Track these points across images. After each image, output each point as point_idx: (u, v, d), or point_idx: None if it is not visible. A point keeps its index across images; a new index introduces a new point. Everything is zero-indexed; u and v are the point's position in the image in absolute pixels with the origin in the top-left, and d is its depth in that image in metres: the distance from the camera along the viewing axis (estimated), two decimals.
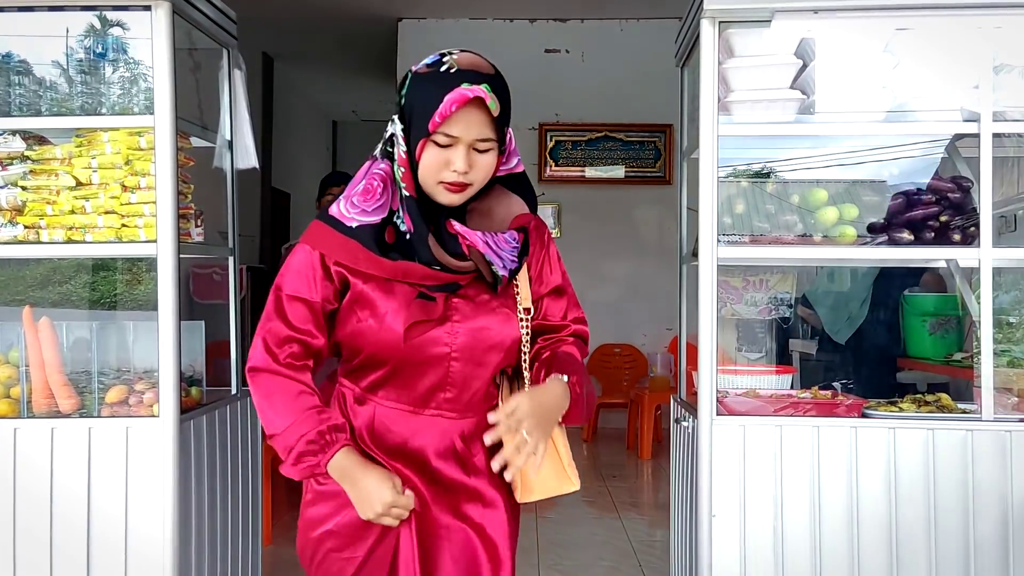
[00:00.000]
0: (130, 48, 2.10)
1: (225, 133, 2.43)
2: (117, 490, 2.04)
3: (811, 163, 2.18)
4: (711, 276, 2.08)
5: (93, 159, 2.03)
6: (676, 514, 2.52)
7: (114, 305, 3.05)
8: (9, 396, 2.09)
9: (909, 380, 3.40)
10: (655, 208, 7.49)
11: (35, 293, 3.91)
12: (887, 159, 2.17)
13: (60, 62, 2.06)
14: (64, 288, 3.75)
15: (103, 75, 2.07)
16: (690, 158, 2.50)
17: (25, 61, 2.12)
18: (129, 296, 2.26)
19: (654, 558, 3.82)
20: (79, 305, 2.62)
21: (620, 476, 5.59)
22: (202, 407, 2.23)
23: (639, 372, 7.25)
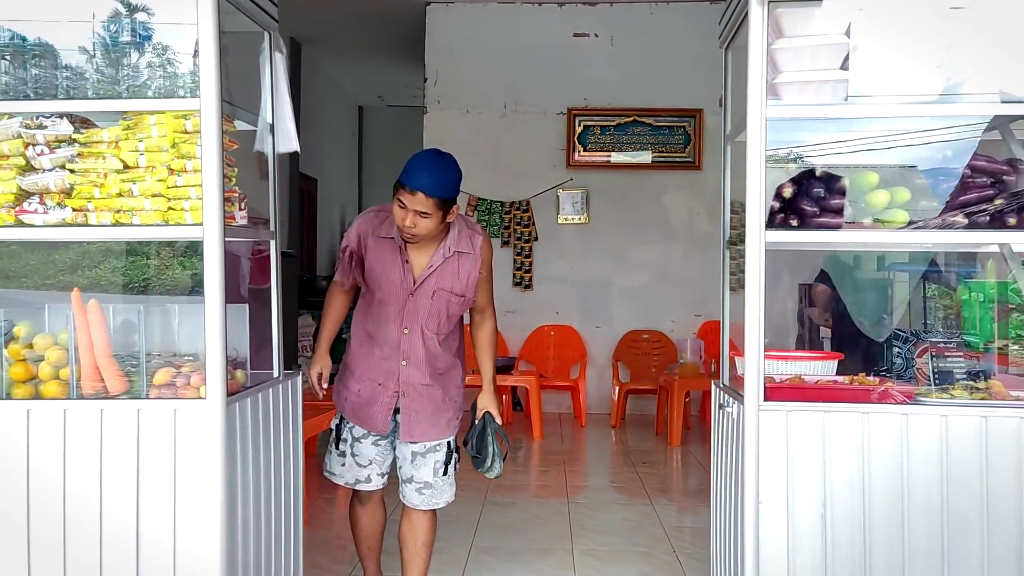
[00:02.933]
0: (174, 31, 2.10)
1: (266, 116, 2.43)
2: (165, 470, 2.06)
3: (861, 145, 2.14)
4: (759, 261, 2.06)
5: (140, 142, 2.04)
6: (718, 500, 2.50)
7: (156, 288, 3.08)
8: (58, 378, 2.11)
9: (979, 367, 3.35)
10: (684, 194, 7.44)
11: (80, 275, 3.95)
12: (939, 141, 2.12)
13: (105, 45, 2.06)
14: (109, 271, 3.80)
15: (148, 58, 2.07)
16: (734, 141, 2.46)
17: (49, 48, 2.12)
18: (173, 279, 2.27)
19: (688, 544, 3.81)
20: (124, 288, 2.65)
21: (650, 462, 5.58)
22: (247, 389, 2.24)
23: (667, 359, 7.22)
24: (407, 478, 2.66)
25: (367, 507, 2.79)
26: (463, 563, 3.55)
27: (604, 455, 5.99)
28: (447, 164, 2.45)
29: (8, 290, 4.55)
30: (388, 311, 2.57)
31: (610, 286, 7.46)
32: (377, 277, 2.57)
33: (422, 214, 2.38)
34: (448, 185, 2.41)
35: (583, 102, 7.46)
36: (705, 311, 7.41)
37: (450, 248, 2.55)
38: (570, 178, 7.42)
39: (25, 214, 2.05)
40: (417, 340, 2.58)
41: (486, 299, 2.72)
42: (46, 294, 5.60)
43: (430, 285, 2.56)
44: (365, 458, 2.67)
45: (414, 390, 2.60)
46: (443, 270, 2.56)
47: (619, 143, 7.46)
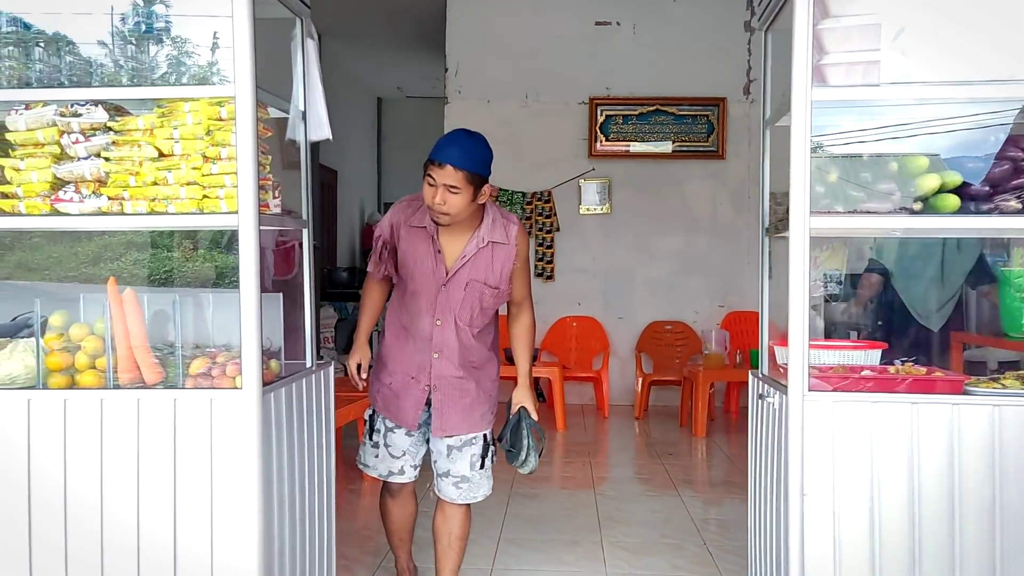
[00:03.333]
0: (208, 17, 2.08)
1: (298, 103, 2.41)
2: (201, 460, 2.04)
3: (910, 129, 2.09)
4: (803, 248, 2.01)
5: (175, 130, 2.02)
6: (756, 493, 2.46)
7: (187, 277, 3.07)
8: (95, 367, 2.10)
9: (1010, 357, 3.28)
10: (707, 183, 7.37)
11: (104, 267, 3.96)
12: (992, 124, 2.06)
13: (139, 31, 2.04)
14: (131, 263, 3.80)
15: (182, 45, 2.05)
16: (774, 126, 2.41)
17: (81, 36, 2.10)
18: (206, 268, 2.25)
19: (718, 536, 3.77)
20: (154, 279, 2.63)
21: (675, 454, 5.54)
22: (281, 380, 2.22)
23: (691, 349, 7.17)
24: (443, 472, 2.62)
25: (398, 499, 2.76)
26: (492, 555, 3.53)
27: (628, 446, 5.95)
28: (477, 140, 2.40)
29: (33, 282, 4.56)
30: (421, 302, 2.53)
31: (633, 276, 7.41)
32: (410, 267, 2.53)
33: (451, 189, 2.32)
34: (478, 160, 2.36)
35: (605, 91, 7.39)
36: (729, 301, 7.35)
37: (484, 238, 2.50)
38: (592, 168, 7.37)
39: (60, 202, 2.03)
40: (450, 332, 2.53)
41: (523, 292, 2.65)
42: (71, 286, 5.60)
43: (463, 276, 2.51)
44: (398, 449, 2.64)
45: (446, 383, 2.56)
46: (477, 261, 2.50)
47: (641, 132, 7.40)
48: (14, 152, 2.07)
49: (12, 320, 4.85)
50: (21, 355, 2.12)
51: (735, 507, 4.30)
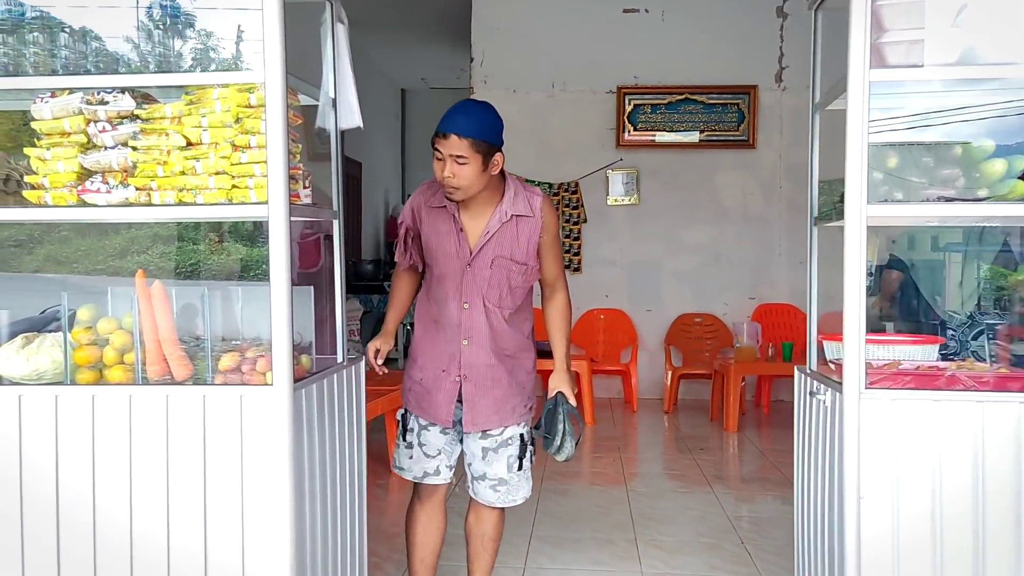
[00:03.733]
0: (237, 1, 2.01)
1: (328, 90, 2.34)
2: (232, 457, 1.98)
3: (975, 112, 1.98)
4: (859, 238, 1.91)
5: (203, 117, 1.95)
6: (803, 495, 2.36)
7: (215, 270, 3.01)
8: (123, 362, 2.04)
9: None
10: (737, 173, 7.23)
11: (130, 260, 3.91)
12: None
13: (166, 15, 1.98)
14: (157, 255, 3.75)
15: (210, 29, 1.99)
16: (823, 111, 2.30)
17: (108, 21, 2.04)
18: (233, 260, 2.19)
19: (755, 534, 3.68)
20: (183, 272, 2.58)
21: (707, 449, 5.44)
22: (312, 375, 2.16)
23: (721, 342, 7.05)
24: (479, 475, 2.51)
25: (427, 505, 2.58)
26: (524, 553, 3.46)
27: (658, 441, 5.86)
28: (482, 106, 2.29)
29: (62, 275, 4.53)
30: (447, 286, 2.43)
31: (661, 268, 7.30)
32: (433, 250, 2.44)
33: (458, 159, 2.23)
34: (484, 126, 2.25)
35: (633, 80, 7.27)
36: (759, 293, 7.22)
37: (507, 211, 2.39)
38: (620, 158, 7.26)
39: (88, 193, 1.98)
40: (479, 315, 2.42)
41: (555, 270, 2.52)
42: (100, 278, 5.58)
43: (488, 253, 2.40)
44: (433, 447, 2.52)
45: (477, 372, 2.44)
46: (501, 236, 2.39)
47: (670, 122, 7.27)
48: (40, 142, 2.01)
49: (41, 313, 4.83)
50: (49, 350, 2.07)
51: (771, 504, 4.20)
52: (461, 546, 2.76)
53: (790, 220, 7.18)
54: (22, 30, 2.01)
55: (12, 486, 2.01)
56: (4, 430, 2.02)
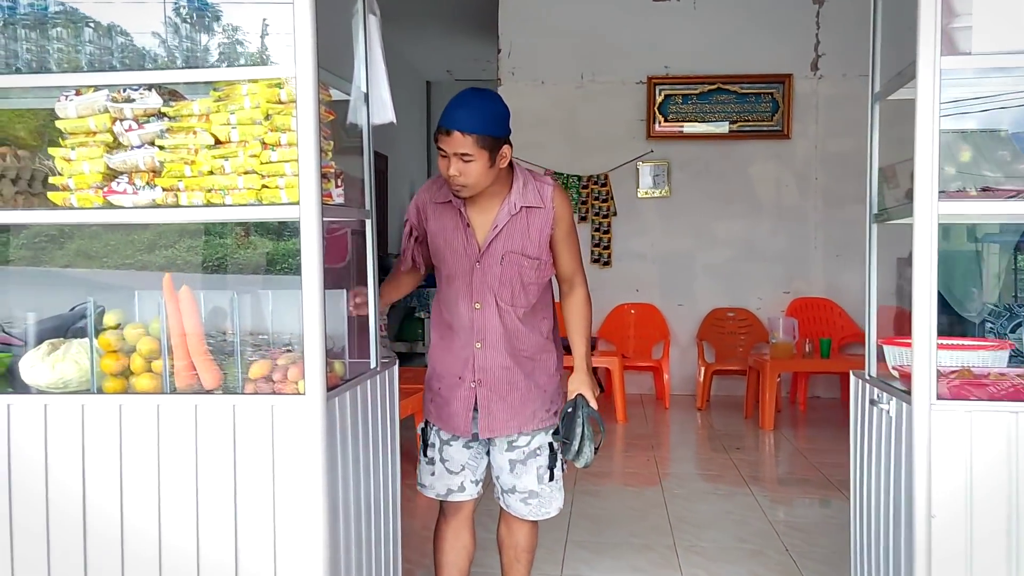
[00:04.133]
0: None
1: (360, 84, 2.24)
2: (263, 469, 1.90)
3: None
4: (930, 236, 1.78)
5: (232, 114, 1.86)
6: (861, 507, 2.24)
7: (243, 271, 2.94)
8: (151, 370, 1.97)
9: None
10: (771, 164, 7.07)
11: (158, 254, 3.83)
12: None
13: (193, 8, 1.89)
14: (185, 249, 3.69)
15: (239, 22, 1.90)
16: (883, 101, 2.17)
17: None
18: (261, 255, 2.10)
19: (800, 541, 3.55)
20: (209, 269, 2.50)
21: (743, 448, 5.31)
22: (346, 383, 2.07)
23: (755, 337, 6.90)
24: (508, 488, 2.41)
25: (452, 523, 2.48)
26: (560, 559, 3.36)
27: (693, 440, 5.74)
28: (486, 97, 2.17)
29: (91, 269, 4.47)
30: (456, 286, 2.31)
31: (693, 262, 7.15)
32: (440, 248, 2.32)
33: (464, 157, 2.12)
34: (488, 119, 2.13)
35: (664, 70, 7.12)
36: (794, 287, 7.06)
37: (515, 204, 2.25)
38: (650, 150, 7.11)
39: (114, 195, 1.90)
40: (492, 315, 2.29)
41: (571, 264, 2.36)
42: (127, 276, 5.54)
43: (497, 248, 2.26)
44: (456, 463, 2.41)
45: (491, 376, 2.31)
46: (511, 229, 2.26)
47: (702, 112, 7.11)
48: (65, 141, 1.94)
49: (71, 310, 4.79)
50: (74, 357, 2.00)
51: (814, 508, 4.07)
52: (494, 550, 2.67)
53: (826, 212, 7.00)
54: (45, 25, 1.93)
55: (38, 498, 1.95)
56: (30, 440, 1.95)
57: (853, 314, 6.92)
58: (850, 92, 6.92)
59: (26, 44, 1.89)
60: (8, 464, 1.96)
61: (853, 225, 7.04)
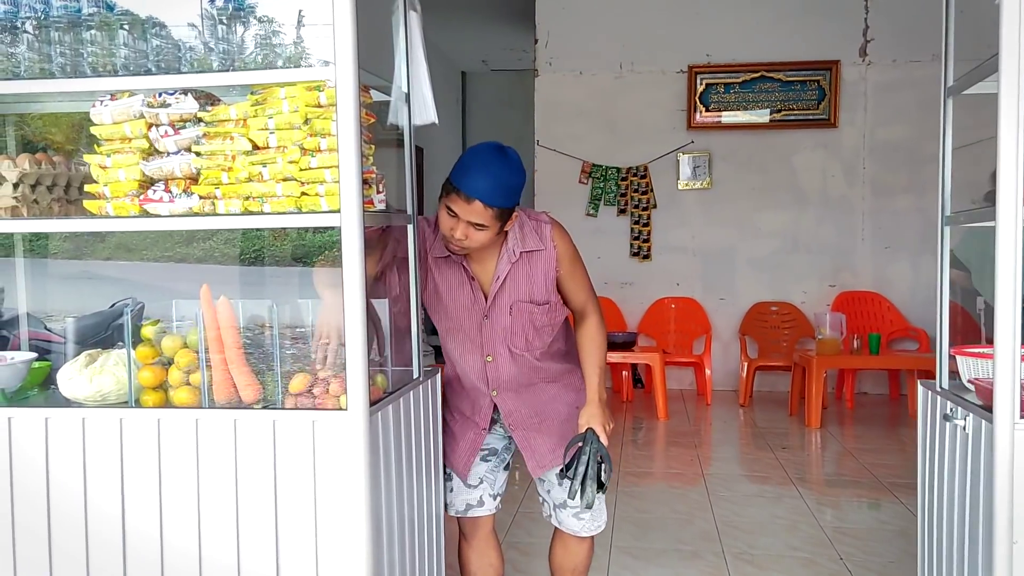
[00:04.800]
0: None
1: (401, 84, 2.15)
2: (304, 487, 1.83)
3: None
4: (1014, 237, 1.65)
5: (270, 119, 1.79)
6: (930, 527, 2.12)
7: (281, 256, 2.87)
8: (189, 383, 1.91)
9: None
10: (817, 154, 6.87)
11: (196, 247, 3.78)
12: None
13: (229, 8, 1.82)
14: (222, 242, 3.63)
15: (276, 22, 1.82)
16: (957, 96, 2.03)
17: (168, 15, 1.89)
18: (299, 247, 2.02)
19: (855, 550, 3.42)
20: (250, 256, 2.44)
21: (789, 448, 5.17)
22: (388, 395, 2.00)
23: (799, 332, 6.73)
24: (559, 503, 2.32)
25: (474, 543, 2.39)
26: (605, 566, 3.28)
27: (736, 438, 5.61)
28: (512, 166, 2.03)
29: (131, 262, 4.45)
30: (461, 340, 2.23)
31: (735, 255, 6.99)
32: (445, 304, 2.21)
33: (477, 226, 2.01)
34: (512, 191, 2.02)
35: (705, 58, 6.95)
36: (840, 281, 6.86)
37: (514, 251, 2.14)
38: (691, 140, 6.95)
39: (150, 203, 1.84)
40: (505, 364, 2.21)
41: (581, 296, 2.25)
42: (166, 269, 5.52)
43: (504, 300, 2.17)
44: (475, 476, 2.33)
45: (518, 418, 2.26)
46: (514, 278, 2.16)
47: (745, 101, 6.93)
48: (100, 148, 1.88)
49: (111, 307, 4.78)
50: (112, 369, 1.95)
51: (866, 513, 3.93)
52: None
53: (874, 202, 6.79)
54: (79, 28, 1.87)
55: (76, 514, 1.91)
56: (68, 454, 1.91)
57: (902, 308, 6.72)
58: (901, 79, 6.69)
59: (59, 47, 1.84)
60: (47, 479, 1.92)
61: (903, 216, 6.84)
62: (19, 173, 1.94)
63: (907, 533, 3.61)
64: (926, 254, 6.75)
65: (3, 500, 1.93)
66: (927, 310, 6.71)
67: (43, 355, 2.31)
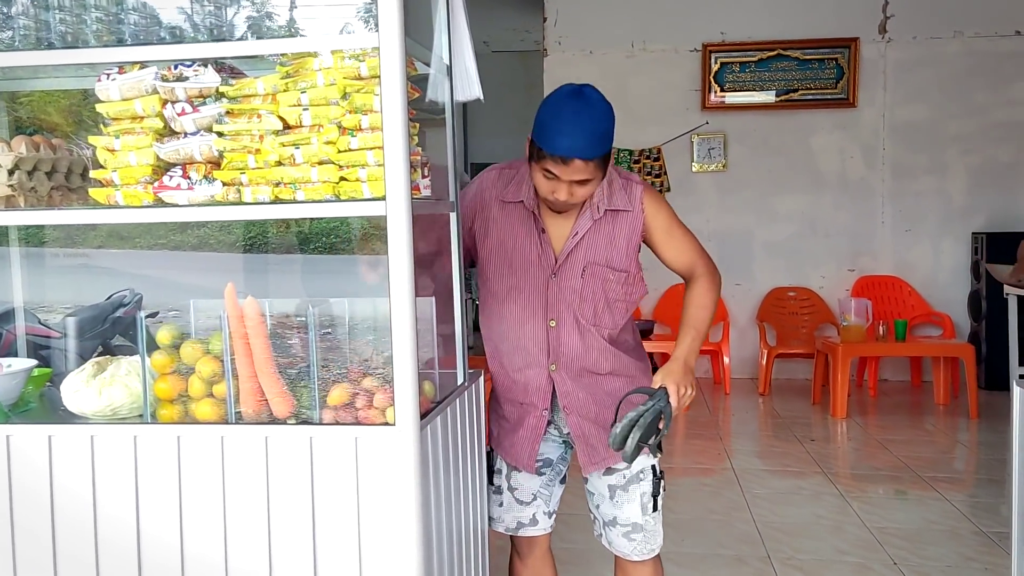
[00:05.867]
0: None
1: (442, 54, 1.92)
2: (347, 511, 1.62)
3: None
4: None
5: (303, 94, 1.56)
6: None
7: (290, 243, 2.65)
8: (212, 395, 1.69)
9: None
10: (835, 134, 6.66)
11: (201, 230, 3.52)
12: None
13: None
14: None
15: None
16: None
17: None
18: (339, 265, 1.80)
19: (908, 553, 3.24)
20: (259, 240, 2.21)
21: (818, 440, 4.99)
22: (436, 405, 1.78)
23: (819, 318, 6.55)
24: (609, 520, 2.10)
25: (529, 563, 2.19)
26: None
27: (762, 429, 5.42)
28: (597, 110, 1.83)
29: (121, 252, 4.16)
30: (524, 301, 1.97)
31: (751, 239, 6.78)
32: (508, 255, 1.98)
33: (580, 183, 1.83)
34: (606, 135, 1.83)
35: (719, 36, 6.71)
36: (859, 265, 6.67)
37: (599, 207, 1.93)
38: (705, 122, 6.73)
39: (166, 190, 1.61)
40: (570, 334, 1.97)
41: (685, 258, 2.00)
42: (164, 257, 5.18)
43: (578, 259, 1.95)
44: (527, 492, 2.11)
45: (578, 402, 2.01)
46: (594, 237, 1.94)
47: (761, 81, 6.71)
48: (107, 128, 1.65)
49: (107, 299, 4.51)
50: (124, 379, 1.73)
51: (910, 510, 3.74)
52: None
53: (894, 185, 6.59)
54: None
55: (86, 544, 1.68)
56: (75, 477, 1.68)
57: (924, 292, 6.53)
58: (922, 56, 6.48)
59: (59, 14, 1.60)
60: (51, 504, 1.69)
61: (923, 198, 6.64)
62: (14, 158, 1.70)
63: (959, 534, 3.43)
64: (947, 237, 6.56)
65: (2, 528, 1.71)
66: (949, 294, 6.53)
67: (40, 351, 2.09)
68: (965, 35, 6.43)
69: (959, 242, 6.56)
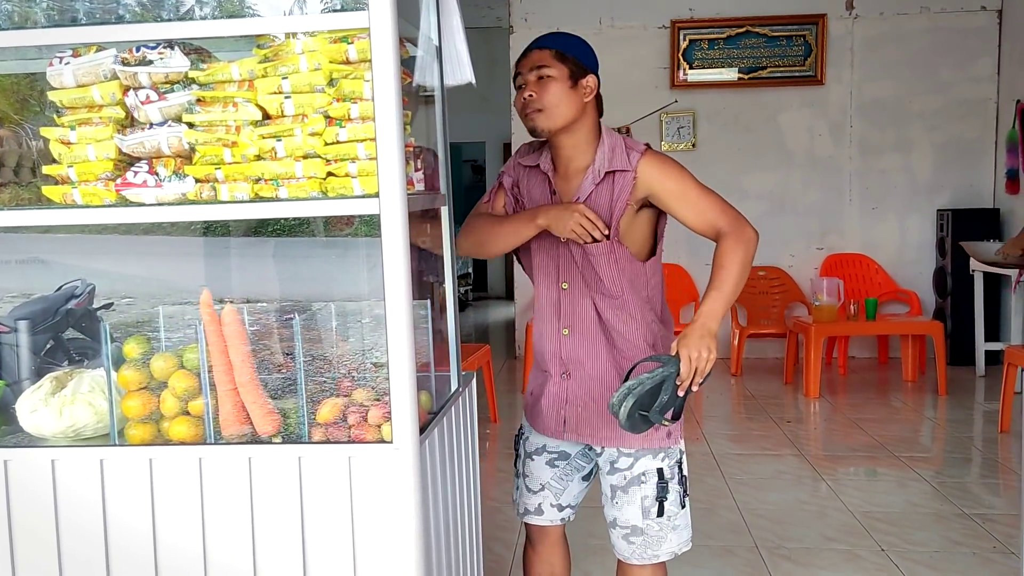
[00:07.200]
0: None
1: (431, 35, 1.78)
2: (339, 535, 1.49)
3: None
4: None
5: (284, 80, 1.40)
6: None
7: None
8: (188, 413, 1.53)
9: None
10: (804, 112, 6.62)
11: None
12: None
13: None
14: None
15: None
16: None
17: None
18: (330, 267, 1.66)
19: (895, 538, 3.21)
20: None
21: (794, 421, 4.97)
22: (433, 417, 1.65)
23: (789, 297, 6.54)
24: (610, 521, 2.01)
25: (539, 549, 2.11)
26: None
27: (738, 411, 5.39)
28: (572, 34, 1.96)
29: (69, 236, 3.93)
30: (540, 263, 1.95)
31: None
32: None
33: (541, 70, 1.84)
34: (571, 42, 1.90)
35: (688, 13, 6.61)
36: (827, 243, 6.67)
37: (599, 170, 1.86)
38: (674, 100, 6.63)
39: (130, 187, 1.44)
40: (581, 299, 1.91)
41: (705, 216, 1.83)
42: (117, 239, 4.87)
43: None
44: (536, 481, 2.03)
45: (580, 369, 1.93)
46: (597, 200, 1.87)
47: (730, 58, 6.63)
48: (61, 118, 1.47)
49: (57, 290, 4.25)
50: (87, 397, 1.56)
51: (892, 493, 3.73)
52: None
53: (862, 162, 6.59)
54: None
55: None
56: (35, 504, 1.52)
57: (890, 270, 6.56)
58: (889, 32, 6.45)
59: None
60: (9, 535, 1.53)
61: (890, 175, 6.65)
62: None
63: (943, 517, 3.42)
64: (913, 214, 6.59)
65: None
66: (914, 271, 6.58)
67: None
68: (931, 10, 6.42)
69: (925, 219, 6.60)
